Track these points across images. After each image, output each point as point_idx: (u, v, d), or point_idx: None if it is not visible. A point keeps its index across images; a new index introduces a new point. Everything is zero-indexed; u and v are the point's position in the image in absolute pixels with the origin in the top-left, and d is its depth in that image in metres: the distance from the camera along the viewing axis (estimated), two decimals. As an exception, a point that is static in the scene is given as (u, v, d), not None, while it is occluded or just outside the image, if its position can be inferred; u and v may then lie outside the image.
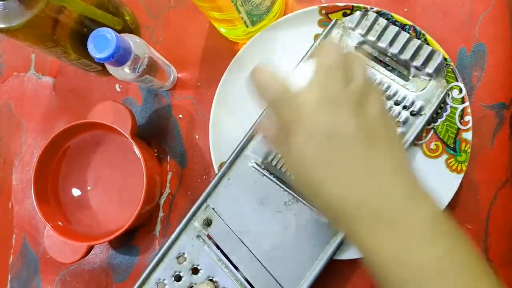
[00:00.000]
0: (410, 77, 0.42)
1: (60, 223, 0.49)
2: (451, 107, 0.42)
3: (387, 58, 0.43)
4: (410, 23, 0.43)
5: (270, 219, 0.42)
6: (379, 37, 0.43)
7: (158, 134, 0.53)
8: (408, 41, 0.42)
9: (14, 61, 0.62)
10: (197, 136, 0.52)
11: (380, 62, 0.43)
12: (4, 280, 0.58)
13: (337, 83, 0.29)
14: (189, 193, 0.51)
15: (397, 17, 0.44)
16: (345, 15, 0.45)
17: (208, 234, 0.43)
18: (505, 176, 0.42)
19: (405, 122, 0.42)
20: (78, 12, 0.46)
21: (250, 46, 0.48)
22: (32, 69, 0.61)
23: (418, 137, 0.42)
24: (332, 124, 0.28)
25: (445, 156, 0.42)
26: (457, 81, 0.42)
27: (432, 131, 0.43)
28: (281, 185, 0.42)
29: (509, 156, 0.43)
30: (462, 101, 0.42)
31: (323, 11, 0.46)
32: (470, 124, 0.41)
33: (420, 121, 0.41)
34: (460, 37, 0.45)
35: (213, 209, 0.43)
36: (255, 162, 0.43)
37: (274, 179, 0.42)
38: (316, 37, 0.47)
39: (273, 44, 0.48)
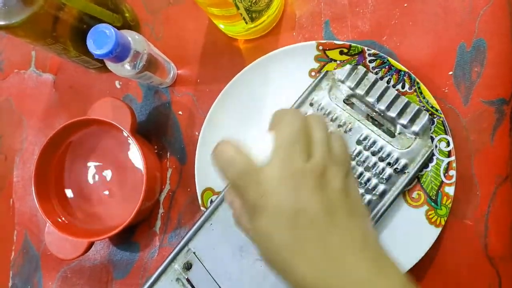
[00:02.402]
0: (396, 134, 0.43)
1: (60, 219, 0.50)
2: (437, 158, 0.42)
3: (375, 113, 0.44)
4: (405, 69, 0.43)
5: (249, 267, 0.42)
6: (367, 92, 0.43)
7: (158, 131, 0.53)
8: (395, 98, 0.43)
9: (15, 58, 0.63)
10: (197, 133, 0.52)
11: (367, 116, 0.44)
12: (6, 277, 0.58)
13: (298, 157, 0.28)
14: (189, 189, 0.51)
15: (393, 62, 0.44)
16: (341, 53, 0.46)
17: (187, 278, 0.43)
18: (505, 172, 0.42)
19: (388, 179, 0.42)
20: (77, 9, 0.46)
21: (244, 74, 0.47)
22: (33, 66, 0.61)
23: (415, 175, 0.42)
24: (296, 203, 0.27)
25: (425, 207, 0.42)
26: (445, 133, 0.42)
27: (416, 180, 0.43)
28: None
29: (509, 152, 0.43)
30: (449, 154, 0.42)
31: (321, 47, 0.46)
32: (453, 179, 0.41)
33: (403, 180, 0.42)
34: (460, 33, 0.45)
35: (194, 253, 0.43)
36: None
37: None
38: (311, 71, 0.47)
39: (267, 75, 0.48)
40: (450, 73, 0.45)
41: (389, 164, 0.42)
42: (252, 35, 0.50)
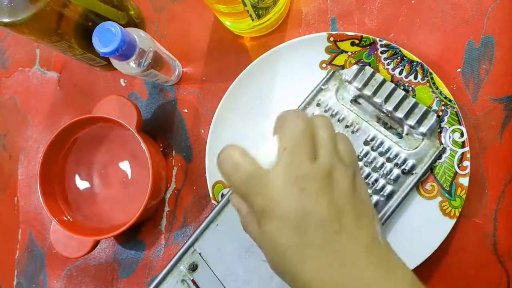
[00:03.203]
0: (404, 134, 0.42)
1: (65, 218, 0.49)
2: (451, 149, 0.42)
3: (382, 113, 0.43)
4: (417, 59, 0.43)
5: (255, 267, 0.41)
6: (375, 93, 0.43)
7: (164, 129, 0.53)
8: (403, 99, 0.42)
9: (19, 56, 0.63)
10: (202, 131, 0.51)
11: (375, 117, 0.43)
12: (11, 275, 0.58)
13: (303, 160, 0.28)
14: (194, 187, 0.51)
15: (405, 52, 0.43)
16: (353, 44, 0.45)
17: (193, 279, 0.42)
18: (514, 170, 0.42)
19: (395, 180, 0.42)
20: (82, 6, 0.46)
21: (254, 67, 0.47)
22: (37, 64, 0.61)
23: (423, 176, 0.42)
24: (303, 207, 0.27)
25: (439, 199, 0.41)
26: (459, 124, 0.41)
27: (429, 172, 0.42)
28: None
29: (517, 149, 0.42)
30: (463, 145, 0.41)
31: (332, 38, 0.46)
32: (468, 170, 0.41)
33: (410, 180, 0.41)
34: (468, 30, 0.45)
35: (199, 254, 0.42)
36: None
37: None
38: (322, 63, 0.46)
39: (278, 67, 0.47)
40: (458, 70, 0.44)
41: (396, 164, 0.42)
42: (258, 32, 0.50)
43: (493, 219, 0.42)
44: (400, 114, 0.42)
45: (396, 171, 0.42)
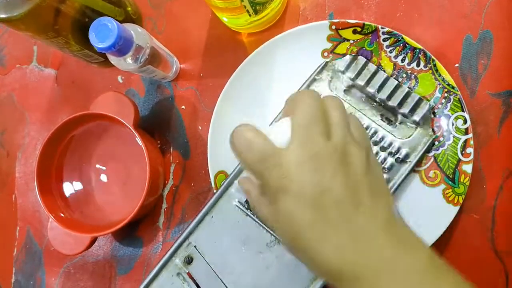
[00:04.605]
0: (397, 123, 0.42)
1: (63, 214, 0.49)
2: (454, 136, 0.41)
3: (375, 103, 0.43)
4: (420, 46, 0.43)
5: (251, 259, 0.41)
6: (368, 82, 0.43)
7: (161, 125, 0.53)
8: (396, 88, 0.42)
9: (16, 53, 0.62)
10: (200, 127, 0.51)
11: (368, 107, 0.43)
12: (8, 273, 0.58)
13: (319, 137, 0.28)
14: (192, 184, 0.51)
15: (407, 39, 0.43)
16: (355, 32, 0.45)
17: (188, 272, 0.42)
18: (512, 165, 0.42)
19: (390, 168, 0.42)
20: (79, 2, 0.46)
21: (255, 56, 0.47)
22: (34, 61, 0.61)
23: (417, 163, 0.42)
24: (320, 183, 0.27)
25: (442, 186, 0.41)
26: (462, 111, 0.41)
27: (432, 159, 0.42)
28: (264, 226, 0.41)
29: (516, 145, 0.42)
30: (466, 132, 0.41)
31: (333, 27, 0.45)
32: (471, 157, 0.41)
33: (405, 169, 0.41)
34: (466, 25, 0.45)
35: (194, 247, 0.42)
36: (238, 201, 0.42)
37: (257, 219, 0.41)
38: (323, 52, 0.46)
39: (280, 54, 0.47)
40: (456, 65, 0.44)
41: (390, 153, 0.42)
42: (256, 28, 0.49)
43: (492, 215, 0.42)
44: (393, 103, 0.42)
45: (390, 160, 0.42)
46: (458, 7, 0.45)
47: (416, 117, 0.42)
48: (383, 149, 0.42)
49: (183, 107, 0.52)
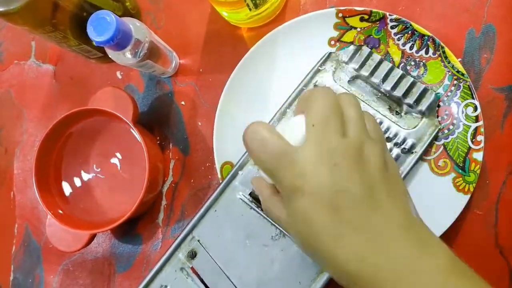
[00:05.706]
0: (402, 114, 0.42)
1: (61, 211, 0.49)
2: (464, 124, 0.41)
3: (380, 93, 0.43)
4: (429, 33, 0.42)
5: (256, 253, 0.40)
6: (372, 73, 0.43)
7: (160, 121, 0.52)
8: (401, 78, 0.42)
9: (14, 49, 0.62)
10: (199, 123, 0.51)
11: (373, 97, 0.43)
12: (7, 270, 0.58)
13: (334, 135, 0.27)
14: (192, 180, 0.50)
15: (416, 26, 0.43)
16: (362, 20, 0.44)
17: (192, 266, 0.41)
18: (515, 161, 0.41)
19: (396, 159, 0.41)
20: (77, -4, 0.45)
21: (263, 42, 0.46)
22: (33, 57, 0.60)
23: (426, 152, 0.41)
24: (336, 182, 0.26)
25: (453, 175, 0.41)
26: (472, 98, 0.41)
27: (442, 148, 0.41)
28: (269, 218, 0.40)
29: (519, 140, 0.42)
30: (476, 119, 0.40)
31: (340, 14, 0.45)
32: (482, 144, 0.40)
33: (411, 159, 0.41)
34: (469, 19, 0.44)
35: (198, 241, 0.41)
36: (242, 194, 0.41)
37: (262, 212, 0.40)
38: (330, 40, 0.46)
39: (286, 43, 0.47)
40: (459, 59, 0.44)
41: (396, 144, 0.41)
42: (256, 22, 0.49)
43: (495, 211, 0.41)
44: (398, 93, 0.41)
45: (396, 151, 0.41)
46: (461, 1, 0.44)
47: (422, 107, 0.41)
48: (388, 139, 0.41)
49: (183, 103, 0.52)
